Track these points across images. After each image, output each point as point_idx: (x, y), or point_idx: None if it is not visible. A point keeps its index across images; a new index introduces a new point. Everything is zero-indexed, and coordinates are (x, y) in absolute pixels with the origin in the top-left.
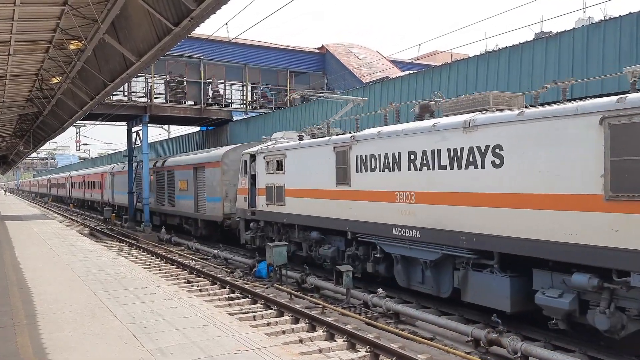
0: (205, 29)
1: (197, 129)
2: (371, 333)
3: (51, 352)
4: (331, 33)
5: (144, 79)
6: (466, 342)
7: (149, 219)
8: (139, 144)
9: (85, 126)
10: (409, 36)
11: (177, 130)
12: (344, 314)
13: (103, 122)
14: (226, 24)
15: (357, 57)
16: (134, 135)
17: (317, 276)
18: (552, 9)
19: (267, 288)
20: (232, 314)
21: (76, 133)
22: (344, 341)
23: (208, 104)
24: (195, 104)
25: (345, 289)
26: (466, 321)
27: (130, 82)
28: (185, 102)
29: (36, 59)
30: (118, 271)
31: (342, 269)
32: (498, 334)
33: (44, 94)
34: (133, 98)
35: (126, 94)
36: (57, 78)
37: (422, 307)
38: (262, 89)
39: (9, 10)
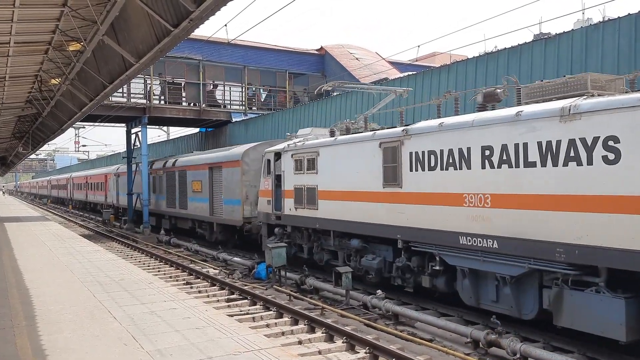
0: (204, 30)
1: (196, 130)
2: (370, 334)
3: (50, 354)
4: (338, 29)
5: (143, 81)
6: (465, 343)
7: (147, 220)
8: (138, 146)
9: (84, 127)
10: (416, 32)
11: (176, 132)
12: (343, 315)
13: (102, 124)
14: (225, 25)
15: (356, 59)
16: (133, 136)
17: (316, 277)
18: (551, 10)
19: (267, 289)
20: (232, 316)
21: (75, 134)
22: (343, 342)
23: (207, 105)
24: (195, 105)
25: (345, 291)
26: (465, 322)
27: (130, 83)
28: (181, 104)
29: (35, 61)
30: (117, 272)
31: (342, 270)
32: (497, 335)
33: (43, 95)
34: (132, 99)
35: (125, 95)
36: (57, 79)
37: (421, 308)
38: (255, 89)
39: (8, 12)
